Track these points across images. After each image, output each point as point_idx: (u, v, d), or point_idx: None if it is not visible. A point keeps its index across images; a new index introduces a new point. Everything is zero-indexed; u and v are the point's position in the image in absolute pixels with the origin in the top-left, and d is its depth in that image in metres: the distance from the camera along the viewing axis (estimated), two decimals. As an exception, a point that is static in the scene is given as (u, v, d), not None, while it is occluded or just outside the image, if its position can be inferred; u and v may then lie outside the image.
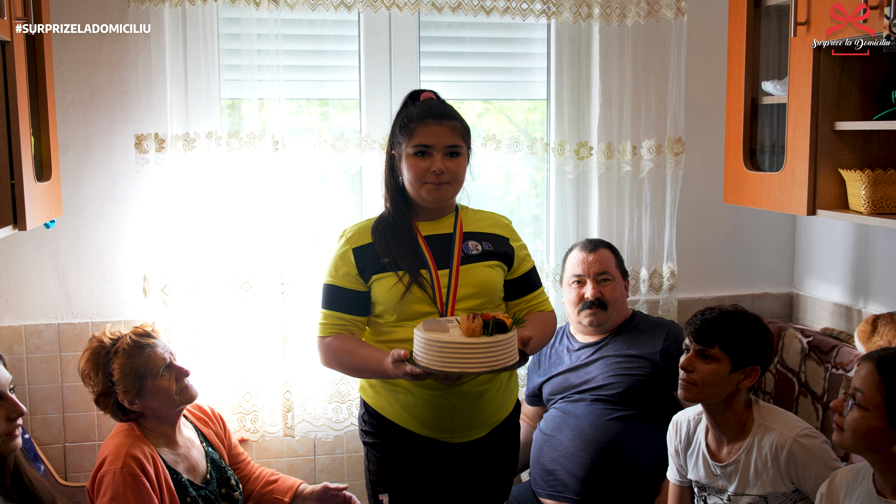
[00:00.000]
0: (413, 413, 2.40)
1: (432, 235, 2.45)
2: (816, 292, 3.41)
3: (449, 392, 2.37)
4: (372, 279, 2.40)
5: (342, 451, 3.23)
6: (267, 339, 3.03)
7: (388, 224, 2.45)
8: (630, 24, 3.15)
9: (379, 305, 2.41)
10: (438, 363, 2.11)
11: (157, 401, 2.50)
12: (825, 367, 2.90)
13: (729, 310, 2.41)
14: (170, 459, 2.52)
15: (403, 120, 2.40)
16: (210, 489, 2.59)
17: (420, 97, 2.47)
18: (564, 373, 2.93)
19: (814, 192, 2.63)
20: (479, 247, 2.46)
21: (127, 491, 2.35)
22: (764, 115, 2.99)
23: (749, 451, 2.35)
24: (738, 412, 2.39)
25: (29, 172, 2.40)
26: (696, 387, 2.35)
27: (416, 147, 2.36)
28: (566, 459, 2.76)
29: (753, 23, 2.92)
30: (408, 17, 3.07)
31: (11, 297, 2.98)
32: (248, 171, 2.99)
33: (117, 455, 2.41)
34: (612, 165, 3.22)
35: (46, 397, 3.01)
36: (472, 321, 2.13)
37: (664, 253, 3.29)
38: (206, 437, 2.72)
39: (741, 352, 2.35)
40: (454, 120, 2.40)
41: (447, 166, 2.36)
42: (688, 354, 2.38)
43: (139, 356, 2.49)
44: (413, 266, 2.37)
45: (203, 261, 2.98)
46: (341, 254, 2.44)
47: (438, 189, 2.37)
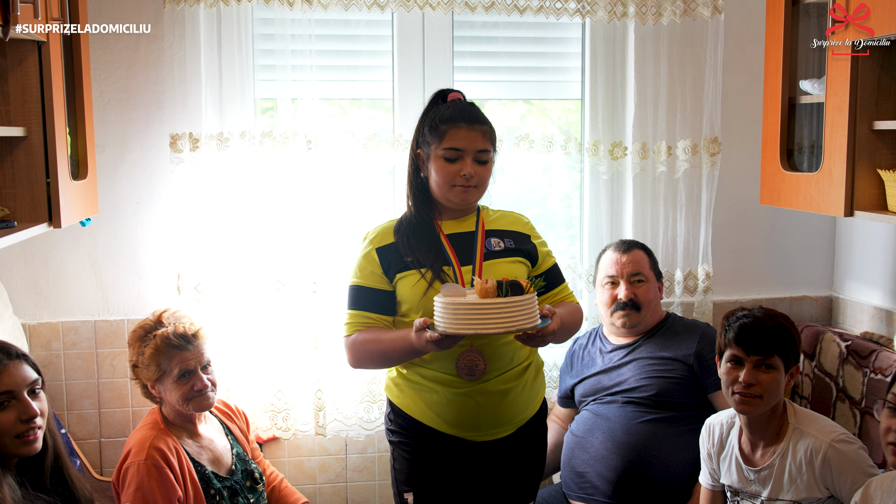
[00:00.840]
0: (438, 411, 2.40)
1: (455, 234, 2.45)
2: (856, 295, 3.35)
3: (474, 390, 2.36)
4: (396, 278, 2.40)
5: (373, 450, 3.23)
6: (299, 338, 3.05)
7: (410, 223, 2.45)
8: (666, 23, 3.11)
9: (404, 304, 2.41)
10: (455, 326, 2.12)
11: (169, 396, 2.56)
12: (863, 372, 2.84)
13: (768, 314, 2.36)
14: (193, 451, 2.56)
15: (434, 120, 2.39)
16: (235, 479, 2.61)
17: (448, 97, 2.46)
18: (597, 374, 2.91)
19: (851, 192, 2.58)
20: (501, 243, 2.46)
21: (151, 482, 2.39)
22: (802, 114, 2.94)
23: (784, 455, 2.31)
24: (778, 416, 2.36)
25: (65, 171, 2.44)
26: (762, 399, 2.29)
27: (447, 150, 2.35)
28: (597, 462, 2.73)
29: (791, 20, 2.87)
30: (441, 16, 3.06)
31: (49, 294, 3.03)
32: (282, 170, 3.01)
33: (141, 447, 2.45)
34: (646, 166, 3.19)
35: (83, 393, 3.05)
36: (486, 283, 2.14)
37: (699, 254, 3.24)
38: (231, 431, 2.75)
39: (790, 355, 2.33)
40: (485, 125, 2.39)
41: (476, 171, 2.35)
42: (746, 368, 2.30)
43: (166, 353, 2.54)
44: (436, 263, 2.37)
45: (236, 259, 3.00)
46: (365, 254, 2.44)
47: (466, 192, 2.37)
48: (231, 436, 2.73)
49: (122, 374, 3.05)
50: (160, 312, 2.65)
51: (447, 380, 2.38)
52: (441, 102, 2.45)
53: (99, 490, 2.96)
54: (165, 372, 2.54)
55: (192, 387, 2.54)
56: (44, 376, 2.06)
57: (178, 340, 2.54)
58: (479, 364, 2.34)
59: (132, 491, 2.39)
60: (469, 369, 2.34)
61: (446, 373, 2.38)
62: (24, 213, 2.37)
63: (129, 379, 2.98)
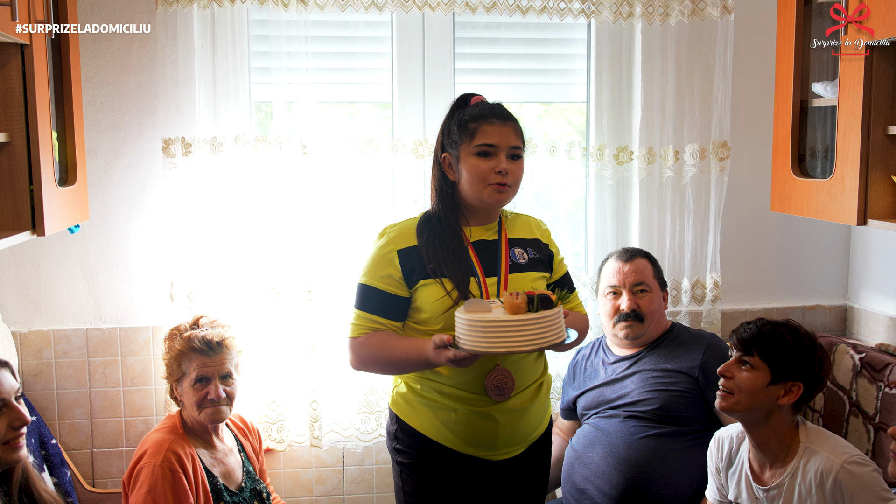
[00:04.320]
0: (455, 430, 2.31)
1: (479, 241, 2.36)
2: (872, 305, 3.24)
3: (494, 408, 2.30)
4: (418, 284, 2.30)
5: (371, 462, 3.16)
6: (294, 348, 2.98)
7: (435, 227, 2.35)
8: (673, 24, 3.02)
9: (424, 313, 2.31)
10: (484, 344, 2.04)
11: (186, 400, 2.55)
12: (878, 386, 2.73)
13: (778, 321, 2.30)
14: (207, 462, 2.54)
15: (461, 120, 2.31)
16: (243, 496, 2.58)
17: (471, 101, 2.38)
18: (599, 387, 2.83)
19: (864, 200, 2.49)
20: (525, 255, 2.39)
21: (165, 485, 2.37)
22: (815, 118, 2.85)
23: (793, 475, 2.22)
24: (781, 433, 2.26)
25: (49, 177, 2.38)
26: (733, 395, 2.24)
27: (480, 147, 2.26)
28: (598, 478, 2.65)
29: (803, 20, 2.78)
30: (441, 17, 2.98)
31: (41, 302, 2.97)
32: (276, 175, 2.95)
33: (159, 449, 2.43)
34: (653, 171, 3.10)
35: (74, 402, 2.99)
36: (515, 298, 2.06)
37: (707, 262, 3.15)
38: (244, 448, 2.72)
39: (781, 363, 2.22)
40: (515, 121, 2.33)
41: (511, 168, 2.27)
42: (728, 361, 2.29)
43: (188, 355, 2.54)
44: (462, 279, 2.28)
45: (229, 267, 2.94)
46: (384, 254, 2.33)
47: (501, 191, 2.28)
48: (243, 452, 2.70)
49: (115, 384, 3.00)
50: (198, 317, 2.66)
51: (469, 398, 2.30)
52: (465, 105, 2.37)
53: (90, 502, 2.91)
54: (185, 374, 2.54)
55: (206, 395, 2.51)
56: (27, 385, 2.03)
57: (202, 345, 2.53)
58: (508, 382, 2.28)
59: (144, 492, 2.37)
60: (499, 389, 2.28)
61: (469, 391, 2.30)
62: (6, 221, 2.31)
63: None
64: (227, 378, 2.57)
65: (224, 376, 2.56)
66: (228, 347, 2.58)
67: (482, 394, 2.28)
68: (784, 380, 2.23)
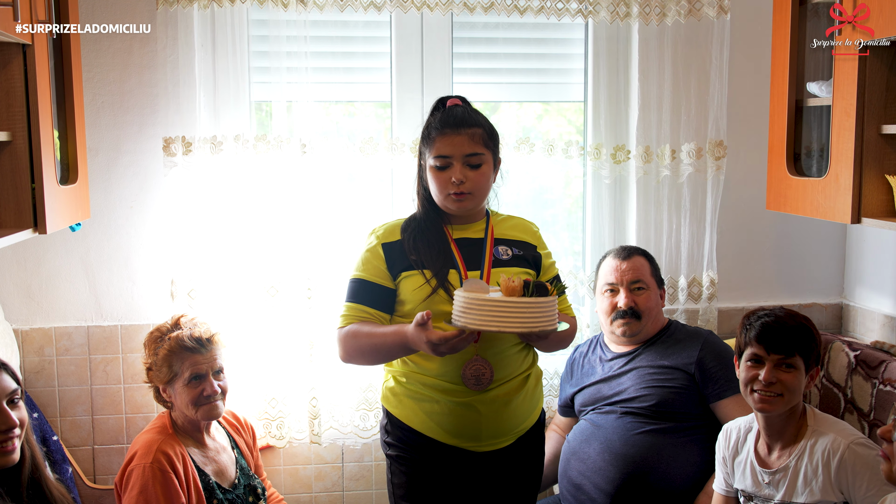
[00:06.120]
0: (438, 421, 2.34)
1: (463, 238, 2.41)
2: (867, 303, 3.26)
3: (476, 399, 2.32)
4: (400, 276, 2.35)
5: (370, 458, 3.18)
6: (293, 345, 3.00)
7: (419, 225, 2.40)
8: (670, 24, 3.04)
9: (406, 304, 2.35)
10: (477, 321, 2.07)
11: (179, 400, 2.54)
12: (872, 384, 2.76)
13: (790, 314, 2.34)
14: (199, 461, 2.54)
15: (427, 128, 2.36)
16: (237, 493, 2.59)
17: (447, 104, 2.40)
18: (596, 383, 2.85)
19: (859, 198, 2.51)
20: (509, 252, 2.41)
21: (156, 486, 2.37)
22: (810, 117, 2.86)
23: (800, 456, 2.27)
24: (795, 416, 2.33)
25: (51, 176, 2.40)
26: (783, 397, 2.27)
27: (436, 158, 2.31)
28: (594, 473, 2.67)
29: (798, 21, 2.80)
30: (440, 17, 3.00)
31: (42, 300, 2.99)
32: (276, 174, 2.97)
33: (148, 450, 2.43)
34: (650, 170, 3.12)
35: (76, 399, 3.01)
36: (512, 281, 2.10)
37: (704, 261, 3.17)
38: (237, 444, 2.73)
39: (814, 357, 2.31)
40: (473, 127, 2.31)
41: (467, 175, 2.29)
42: (767, 367, 2.27)
43: (179, 355, 2.53)
44: (443, 267, 2.32)
45: (229, 265, 2.96)
46: (370, 248, 2.40)
47: (460, 200, 2.31)
48: (237, 448, 2.71)
49: (116, 381, 3.02)
50: (178, 317, 2.65)
51: (449, 388, 2.33)
52: (442, 109, 2.40)
53: (91, 498, 2.93)
54: (177, 374, 2.53)
55: (201, 392, 2.52)
56: (24, 385, 2.03)
57: (193, 343, 2.53)
58: (486, 373, 2.31)
59: (135, 494, 2.37)
60: (476, 379, 2.30)
61: (449, 381, 2.33)
62: (8, 219, 2.33)
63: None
64: (220, 373, 2.59)
65: (217, 371, 2.58)
66: (218, 343, 2.60)
67: (461, 384, 2.31)
68: (810, 369, 2.31)
